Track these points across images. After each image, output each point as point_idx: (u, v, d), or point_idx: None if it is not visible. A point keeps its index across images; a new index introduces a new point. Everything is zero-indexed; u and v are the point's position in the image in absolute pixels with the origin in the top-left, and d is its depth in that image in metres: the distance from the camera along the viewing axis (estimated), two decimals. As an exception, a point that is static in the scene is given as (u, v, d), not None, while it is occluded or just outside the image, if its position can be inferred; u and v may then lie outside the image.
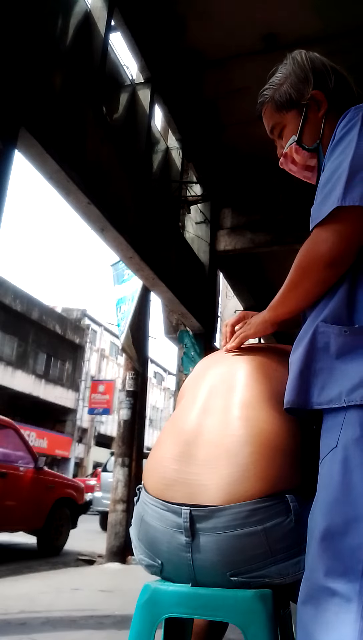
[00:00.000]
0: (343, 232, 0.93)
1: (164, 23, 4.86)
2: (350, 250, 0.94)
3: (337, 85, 1.14)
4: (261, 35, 4.82)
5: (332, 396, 0.91)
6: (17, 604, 3.17)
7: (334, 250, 0.93)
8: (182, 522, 0.99)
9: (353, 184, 0.91)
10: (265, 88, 1.19)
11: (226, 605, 0.98)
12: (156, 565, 1.06)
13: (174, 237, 6.03)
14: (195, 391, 1.16)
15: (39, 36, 3.47)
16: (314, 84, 1.13)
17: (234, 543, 0.96)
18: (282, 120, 1.17)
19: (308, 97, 1.13)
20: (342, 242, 0.93)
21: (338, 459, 0.86)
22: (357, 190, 0.90)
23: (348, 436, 0.86)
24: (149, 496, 1.06)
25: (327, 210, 0.93)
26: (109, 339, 29.18)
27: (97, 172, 4.11)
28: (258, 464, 0.98)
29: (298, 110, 1.14)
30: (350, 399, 0.87)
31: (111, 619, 2.94)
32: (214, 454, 1.01)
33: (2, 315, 19.57)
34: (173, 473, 1.03)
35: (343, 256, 0.94)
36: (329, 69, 1.16)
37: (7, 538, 7.23)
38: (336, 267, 0.95)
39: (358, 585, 0.78)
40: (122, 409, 6.10)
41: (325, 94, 1.13)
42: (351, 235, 0.93)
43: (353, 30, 4.69)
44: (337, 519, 0.83)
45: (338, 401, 0.89)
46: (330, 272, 0.96)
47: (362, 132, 0.96)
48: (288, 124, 1.16)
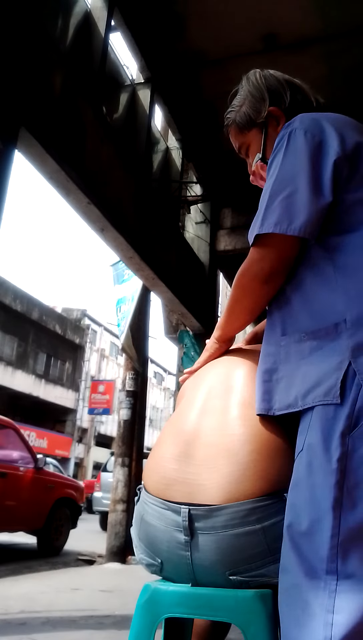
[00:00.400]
0: (270, 254, 0.99)
1: (164, 23, 4.86)
2: (280, 268, 1.00)
3: (293, 99, 1.18)
4: (261, 35, 4.83)
5: (289, 401, 0.95)
6: (17, 604, 3.17)
7: (266, 270, 1.00)
8: (181, 520, 0.99)
9: (271, 210, 0.96)
10: (228, 111, 1.25)
11: (226, 605, 0.98)
12: (156, 565, 1.06)
13: (174, 237, 6.04)
14: (194, 392, 1.17)
15: (39, 36, 3.47)
16: (270, 101, 1.17)
17: (233, 542, 0.96)
18: (246, 139, 1.23)
19: (265, 114, 1.17)
20: (271, 262, 1.00)
21: (303, 462, 0.90)
22: (273, 216, 0.95)
23: (311, 439, 0.89)
24: (149, 495, 1.07)
25: (251, 235, 1.01)
26: (109, 339, 29.19)
27: (97, 172, 4.11)
28: (257, 462, 0.98)
29: (259, 128, 1.19)
30: (305, 402, 0.91)
31: (111, 619, 2.94)
32: (214, 453, 1.02)
33: (2, 315, 19.58)
34: (172, 473, 1.04)
35: (275, 273, 1.01)
36: (284, 84, 1.20)
37: (7, 538, 7.24)
38: (270, 283, 1.02)
39: (322, 582, 0.82)
40: (122, 409, 6.11)
41: (281, 109, 1.17)
42: (277, 256, 0.99)
43: (354, 30, 4.69)
44: (303, 520, 0.86)
45: (295, 406, 0.94)
46: (265, 289, 1.03)
47: (286, 153, 1.00)
48: (252, 143, 1.22)
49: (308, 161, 0.96)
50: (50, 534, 6.26)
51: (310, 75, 5.08)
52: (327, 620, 0.79)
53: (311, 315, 0.96)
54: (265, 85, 1.20)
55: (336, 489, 0.83)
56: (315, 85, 1.26)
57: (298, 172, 0.96)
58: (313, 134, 0.99)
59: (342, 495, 0.83)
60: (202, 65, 5.25)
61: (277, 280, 1.02)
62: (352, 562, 0.81)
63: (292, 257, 1.00)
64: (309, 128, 1.00)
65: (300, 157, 0.97)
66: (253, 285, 1.04)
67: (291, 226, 0.94)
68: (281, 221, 0.95)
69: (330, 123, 1.01)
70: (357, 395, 0.85)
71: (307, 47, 4.85)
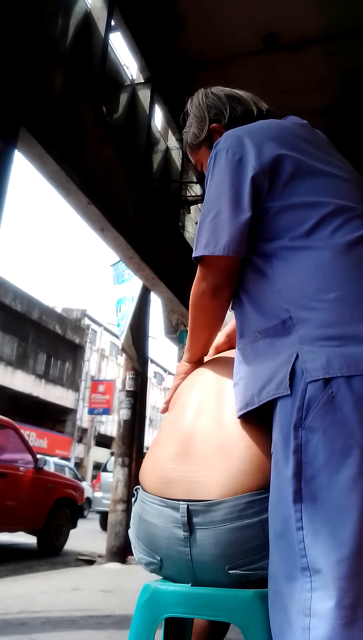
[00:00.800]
0: (210, 271, 1.04)
1: (164, 23, 4.86)
2: (222, 282, 1.05)
3: (231, 113, 1.23)
4: (261, 35, 4.83)
5: (247, 400, 0.98)
6: (17, 604, 3.17)
7: (209, 285, 1.05)
8: (180, 516, 1.00)
9: (202, 233, 1.02)
10: (183, 131, 1.34)
11: (226, 605, 0.98)
12: (155, 562, 1.07)
13: (174, 237, 6.04)
14: (188, 395, 1.19)
15: (39, 36, 3.47)
16: (211, 119, 1.24)
17: (231, 536, 0.97)
18: (199, 157, 1.31)
19: (207, 132, 1.24)
20: (213, 278, 1.04)
21: (272, 462, 0.91)
22: (203, 239, 1.01)
23: (275, 437, 0.91)
24: (147, 494, 1.07)
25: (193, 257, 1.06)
26: (109, 339, 29.19)
27: (97, 172, 4.11)
28: (253, 457, 1.00)
29: (206, 144, 1.26)
30: (260, 398, 0.94)
31: (111, 619, 2.94)
32: (210, 451, 1.03)
33: (2, 315, 19.59)
34: (170, 471, 1.05)
35: (219, 287, 1.05)
36: (224, 100, 1.25)
37: (7, 538, 7.24)
38: (218, 297, 1.07)
39: (299, 583, 0.81)
40: (122, 409, 6.11)
41: (222, 125, 1.22)
42: (216, 273, 1.04)
43: (354, 30, 4.69)
44: (277, 521, 0.87)
45: (252, 403, 0.96)
46: (215, 302, 1.08)
47: (212, 174, 1.05)
48: (203, 159, 1.28)
49: (229, 180, 1.01)
50: (50, 534, 6.26)
51: (310, 75, 5.13)
52: (304, 624, 0.78)
53: (261, 315, 0.99)
54: (205, 104, 1.26)
55: (294, 482, 0.84)
56: (315, 86, 1.26)
57: (221, 193, 1.01)
58: (234, 151, 1.03)
59: (301, 488, 0.83)
60: (202, 65, 5.25)
61: (223, 292, 1.06)
62: (319, 557, 0.80)
63: (233, 270, 1.04)
64: (230, 146, 1.04)
65: (222, 178, 1.02)
66: (202, 302, 1.09)
67: (216, 247, 0.99)
68: (209, 243, 1.00)
69: (250, 138, 1.04)
70: (305, 387, 0.86)
71: (307, 47, 4.85)
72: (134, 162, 5.00)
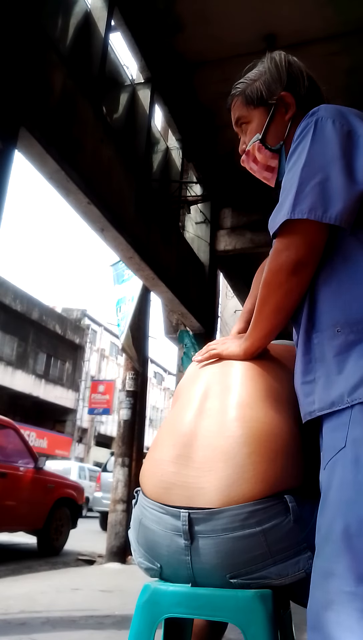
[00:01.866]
0: (297, 242, 0.94)
1: (164, 23, 4.86)
2: (309, 257, 0.94)
3: (309, 92, 1.14)
4: (261, 35, 4.82)
5: (333, 399, 0.89)
6: (17, 604, 3.16)
7: (293, 259, 0.94)
8: (181, 525, 0.98)
9: (303, 196, 0.92)
10: (239, 82, 1.19)
11: (226, 605, 0.98)
12: (155, 569, 1.05)
13: (174, 237, 6.03)
14: (190, 393, 1.15)
15: (39, 36, 3.47)
16: (286, 85, 1.13)
17: (233, 545, 0.95)
18: (249, 115, 1.17)
19: (277, 97, 1.13)
20: (298, 251, 0.94)
21: (348, 459, 0.84)
22: (306, 202, 0.91)
23: (356, 435, 0.84)
24: (147, 499, 1.05)
25: (278, 222, 0.95)
26: (109, 339, 29.17)
27: (97, 172, 4.11)
28: (256, 465, 0.97)
29: (266, 108, 1.14)
30: (353, 397, 0.86)
31: (111, 619, 2.94)
32: (212, 456, 1.00)
33: (2, 315, 19.58)
34: (171, 476, 1.02)
35: (304, 263, 0.95)
36: (305, 74, 1.16)
37: (7, 538, 7.24)
38: (299, 274, 0.95)
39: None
40: (122, 409, 6.11)
41: (295, 98, 1.13)
42: (305, 244, 0.94)
43: (354, 30, 4.69)
44: (352, 520, 0.81)
45: (340, 403, 0.88)
46: (294, 281, 0.96)
47: (314, 140, 0.96)
48: (254, 121, 1.16)
49: (339, 149, 0.93)
50: (50, 534, 6.26)
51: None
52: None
53: (345, 308, 0.92)
54: (286, 68, 1.15)
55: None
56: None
57: (329, 160, 0.93)
58: (342, 122, 0.96)
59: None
60: (202, 65, 5.25)
61: (306, 271, 0.95)
62: None
63: (321, 246, 0.95)
64: (336, 117, 0.97)
65: (330, 145, 0.94)
66: (279, 278, 0.96)
67: (326, 213, 0.89)
68: (315, 207, 0.90)
69: (355, 115, 0.99)
70: None
71: (307, 47, 4.85)
72: (134, 162, 4.99)
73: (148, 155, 5.53)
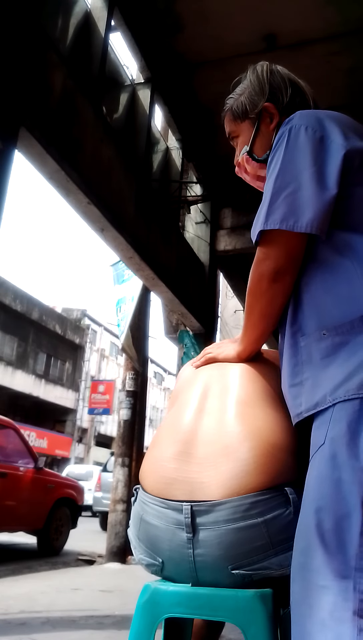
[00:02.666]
0: (276, 252, 0.97)
1: (164, 23, 4.86)
2: (288, 265, 0.98)
3: (291, 100, 1.16)
4: (261, 35, 4.82)
5: (318, 399, 0.92)
6: (17, 604, 3.17)
7: (273, 268, 0.98)
8: (183, 518, 0.99)
9: (275, 207, 0.95)
10: (229, 97, 1.24)
11: (227, 605, 0.98)
12: (156, 564, 1.06)
13: (174, 237, 6.03)
14: (189, 393, 1.17)
15: (39, 36, 3.47)
16: (269, 96, 1.16)
17: (235, 536, 0.97)
18: (238, 129, 1.22)
19: (260, 109, 1.17)
20: (278, 260, 0.97)
21: (326, 456, 0.86)
22: (278, 213, 0.94)
23: (335, 432, 0.86)
24: (148, 495, 1.06)
25: (254, 233, 0.98)
26: (109, 339, 29.18)
27: (97, 172, 4.11)
28: (257, 458, 0.99)
29: (251, 121, 1.18)
30: (334, 397, 0.88)
31: (111, 619, 2.94)
32: (213, 451, 1.02)
33: (2, 315, 19.58)
34: (172, 472, 1.04)
35: (283, 271, 0.98)
36: (287, 83, 1.18)
37: (7, 538, 7.24)
38: (279, 282, 0.99)
39: (352, 582, 0.78)
40: (122, 409, 6.11)
41: (277, 107, 1.16)
42: (283, 254, 0.97)
43: (354, 30, 4.68)
44: (328, 517, 0.82)
45: (323, 403, 0.90)
46: (276, 288, 1.00)
47: (287, 149, 0.99)
48: (242, 134, 1.21)
49: (310, 156, 0.96)
50: (50, 534, 6.26)
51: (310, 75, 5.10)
52: (359, 625, 0.75)
53: (328, 311, 0.94)
54: (268, 79, 1.18)
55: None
56: (315, 86, 1.26)
57: (301, 169, 0.95)
58: (314, 129, 0.99)
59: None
60: (202, 65, 5.24)
61: (286, 279, 0.99)
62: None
63: (300, 254, 0.98)
64: (309, 123, 1.00)
65: (301, 153, 0.97)
66: (262, 286, 1.00)
67: (298, 223, 0.92)
68: (287, 217, 0.93)
69: (330, 119, 1.01)
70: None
71: (307, 47, 4.85)
72: (134, 162, 4.99)
73: (148, 155, 5.53)
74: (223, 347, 1.24)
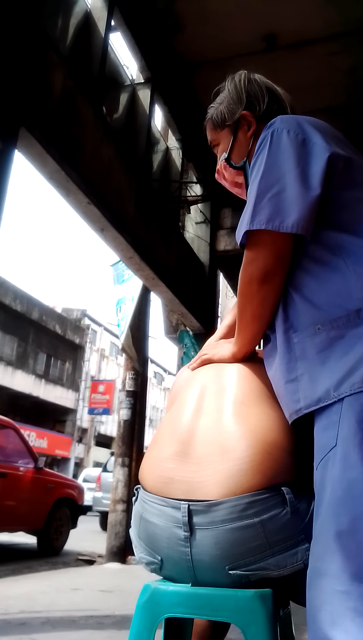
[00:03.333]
0: (263, 253, 0.98)
1: (164, 23, 4.86)
2: (276, 266, 0.98)
3: (268, 107, 1.18)
4: (261, 35, 4.83)
5: (320, 395, 0.91)
6: (17, 604, 3.17)
7: (262, 269, 0.98)
8: (181, 516, 1.00)
9: (260, 207, 0.96)
10: (209, 106, 1.27)
11: (227, 605, 0.98)
12: (156, 562, 1.07)
13: (174, 237, 6.03)
14: (186, 394, 1.18)
15: (39, 36, 3.47)
16: (245, 105, 1.19)
17: (232, 536, 0.96)
18: (218, 138, 1.25)
19: (238, 117, 1.19)
20: (266, 261, 0.98)
21: (338, 457, 0.85)
22: (264, 213, 0.95)
23: (345, 433, 0.85)
24: (147, 494, 1.07)
25: (240, 234, 0.99)
26: (109, 339, 29.18)
27: (97, 172, 4.11)
28: (254, 457, 0.99)
29: (230, 129, 1.21)
30: (340, 392, 0.87)
31: (111, 619, 2.94)
32: (210, 451, 1.02)
33: (2, 315, 19.58)
34: (170, 471, 1.04)
35: (272, 272, 0.99)
36: (264, 91, 1.21)
37: (7, 538, 7.24)
38: (269, 283, 0.99)
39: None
40: (122, 409, 6.11)
41: (254, 115, 1.18)
42: (272, 254, 0.97)
43: (354, 30, 4.69)
44: (344, 518, 0.82)
45: (327, 398, 0.89)
46: (266, 289, 1.00)
47: (270, 152, 1.00)
48: (222, 142, 1.24)
49: (294, 158, 0.97)
50: (50, 534, 6.26)
51: (310, 75, 5.13)
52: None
53: (322, 306, 0.94)
54: (245, 88, 1.21)
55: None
56: (316, 86, 1.27)
57: (285, 171, 0.97)
58: (296, 132, 1.01)
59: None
60: (202, 65, 5.24)
61: (275, 279, 1.00)
62: None
63: (287, 255, 0.99)
64: (291, 127, 1.02)
65: (285, 155, 0.98)
66: (252, 289, 1.01)
67: (283, 223, 0.93)
68: (273, 218, 0.94)
69: (309, 124, 1.03)
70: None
71: (307, 47, 4.85)
72: (134, 162, 4.99)
73: (148, 155, 5.53)
74: (218, 348, 1.25)
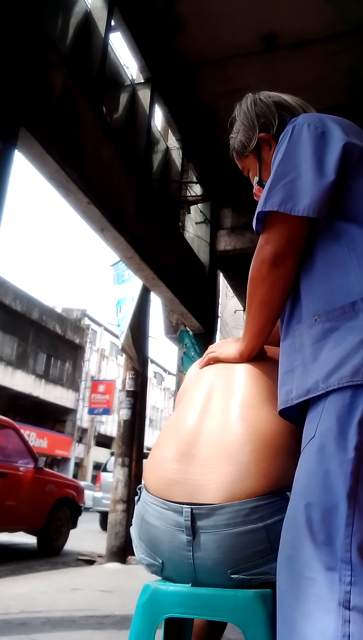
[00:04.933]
0: (275, 235, 0.98)
1: (164, 23, 4.86)
2: (288, 250, 0.98)
3: (281, 120, 1.20)
4: (261, 35, 4.82)
5: (309, 386, 0.91)
6: (17, 604, 3.16)
7: (273, 252, 0.98)
8: (183, 520, 0.99)
9: (275, 192, 0.97)
10: (230, 137, 1.30)
11: (227, 605, 0.98)
12: (156, 565, 1.06)
13: (174, 237, 6.03)
14: (193, 393, 1.17)
15: (39, 36, 3.47)
16: (260, 128, 1.21)
17: (235, 541, 0.96)
18: (245, 164, 1.29)
19: (256, 141, 1.22)
20: (277, 244, 0.98)
21: (314, 449, 0.86)
22: (277, 197, 0.96)
23: (324, 426, 0.86)
24: (150, 495, 1.06)
25: (254, 217, 1.01)
26: (109, 339, 29.18)
27: (97, 172, 4.11)
28: (259, 462, 0.98)
29: (253, 154, 1.24)
30: (328, 384, 0.87)
31: (111, 619, 2.94)
32: (215, 453, 1.01)
33: (2, 315, 19.58)
34: (173, 473, 1.03)
35: (283, 255, 0.98)
36: (272, 108, 1.22)
37: (7, 538, 7.23)
38: (279, 266, 0.99)
39: (337, 574, 0.78)
40: (122, 409, 6.10)
41: (270, 133, 1.21)
42: (284, 238, 0.98)
43: (354, 30, 4.68)
44: (315, 509, 0.83)
45: (315, 390, 0.89)
46: (276, 273, 0.99)
47: (289, 142, 1.02)
48: (251, 167, 1.27)
49: (311, 148, 0.99)
50: (50, 534, 6.26)
51: (310, 75, 5.13)
52: (345, 616, 0.76)
53: (321, 297, 0.94)
54: (254, 112, 1.23)
55: (351, 479, 0.80)
56: (316, 86, 1.27)
57: (302, 160, 0.98)
58: (316, 126, 1.02)
59: (357, 485, 0.80)
60: (202, 65, 5.24)
61: (286, 263, 0.99)
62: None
63: (300, 239, 0.99)
64: (312, 121, 1.04)
65: (302, 146, 1.00)
66: (262, 272, 1.00)
67: (296, 207, 0.94)
68: (285, 202, 0.95)
69: (331, 119, 1.05)
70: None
71: (307, 47, 4.84)
72: (134, 162, 4.99)
73: (148, 155, 5.53)
74: (225, 347, 1.24)
